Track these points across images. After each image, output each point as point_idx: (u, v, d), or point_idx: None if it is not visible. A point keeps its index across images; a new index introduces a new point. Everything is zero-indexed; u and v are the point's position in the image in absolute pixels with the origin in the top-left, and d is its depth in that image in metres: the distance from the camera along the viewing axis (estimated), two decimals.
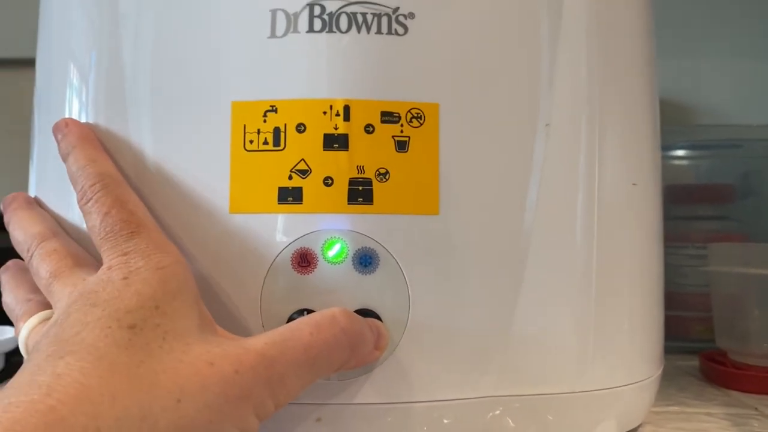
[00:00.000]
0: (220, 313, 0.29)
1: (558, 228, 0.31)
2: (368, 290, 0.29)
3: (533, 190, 0.30)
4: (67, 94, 0.33)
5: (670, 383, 0.45)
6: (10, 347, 0.45)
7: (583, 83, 0.32)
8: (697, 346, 0.52)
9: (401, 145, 0.29)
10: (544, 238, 0.31)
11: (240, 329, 0.29)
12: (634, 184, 0.33)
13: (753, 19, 0.72)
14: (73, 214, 0.31)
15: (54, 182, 0.32)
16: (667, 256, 0.37)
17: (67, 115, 0.32)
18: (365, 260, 0.29)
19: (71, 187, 0.29)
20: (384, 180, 0.29)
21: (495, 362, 0.30)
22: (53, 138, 0.31)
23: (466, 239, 0.30)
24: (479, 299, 0.30)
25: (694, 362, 0.50)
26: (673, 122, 0.71)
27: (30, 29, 0.37)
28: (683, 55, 0.71)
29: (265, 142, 0.29)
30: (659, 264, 0.36)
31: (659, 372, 0.35)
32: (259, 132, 0.29)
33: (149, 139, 0.30)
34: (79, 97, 0.32)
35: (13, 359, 0.47)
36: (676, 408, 0.40)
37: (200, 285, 0.28)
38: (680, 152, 0.61)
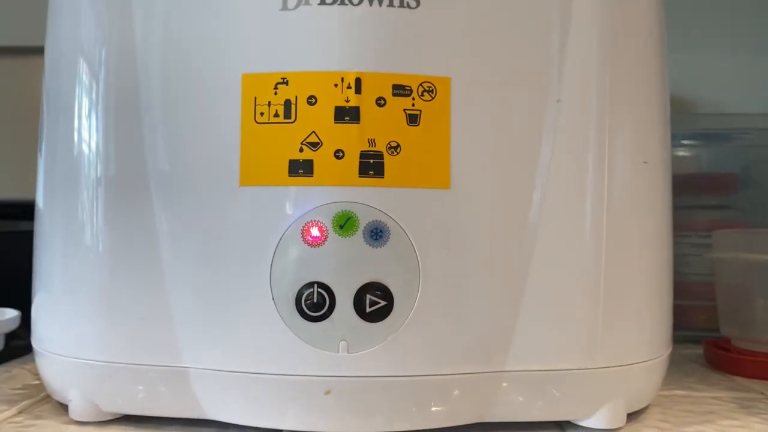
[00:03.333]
0: (230, 286, 0.29)
1: (568, 204, 0.31)
2: (378, 263, 0.29)
3: (544, 164, 0.30)
4: (76, 81, 0.32)
5: (676, 369, 0.45)
6: (10, 328, 0.45)
7: (594, 59, 0.32)
8: (701, 335, 0.52)
9: (413, 119, 0.29)
10: (554, 214, 0.31)
11: (250, 301, 0.29)
12: (645, 162, 0.33)
13: (751, 11, 0.72)
14: (82, 211, 0.31)
15: (61, 179, 0.32)
16: None
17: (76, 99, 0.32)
18: (376, 233, 0.28)
19: (79, 184, 0.30)
20: (395, 153, 0.29)
21: (504, 337, 0.30)
22: (62, 133, 0.31)
23: (477, 213, 0.30)
24: (489, 274, 0.30)
25: (698, 351, 0.50)
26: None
27: (29, 17, 0.36)
28: (679, 49, 0.71)
29: (276, 115, 0.29)
30: (668, 244, 0.36)
31: (668, 352, 0.35)
32: (269, 104, 0.29)
33: (159, 114, 0.30)
34: (90, 82, 0.32)
35: (12, 343, 0.46)
36: (682, 392, 0.40)
37: (210, 257, 0.29)
38: (682, 141, 0.61)
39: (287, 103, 0.29)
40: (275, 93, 0.29)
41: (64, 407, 0.33)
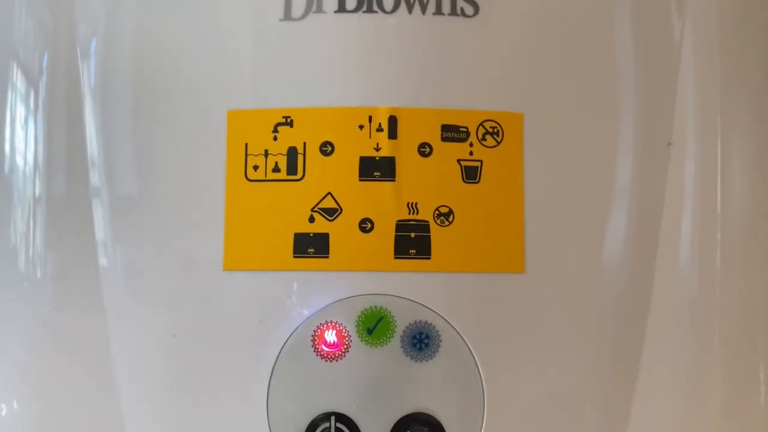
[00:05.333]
0: (209, 416, 0.23)
1: (685, 290, 0.24)
2: (424, 384, 0.23)
3: (653, 234, 0.24)
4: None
5: None
6: None
7: (713, 90, 0.25)
8: None
9: (470, 173, 0.23)
10: (665, 304, 0.24)
11: None
12: None
13: None
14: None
15: None
16: None
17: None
18: (420, 340, 0.23)
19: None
20: (446, 223, 0.23)
21: None
22: None
23: (564, 308, 0.23)
24: (582, 396, 0.23)
25: None
26: None
27: None
28: None
29: (276, 169, 0.24)
30: None
31: None
32: (266, 154, 0.24)
33: (122, 166, 0.25)
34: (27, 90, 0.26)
35: None
36: None
37: (180, 373, 0.23)
38: None
39: (292, 153, 0.24)
40: (275, 138, 0.24)
41: None
